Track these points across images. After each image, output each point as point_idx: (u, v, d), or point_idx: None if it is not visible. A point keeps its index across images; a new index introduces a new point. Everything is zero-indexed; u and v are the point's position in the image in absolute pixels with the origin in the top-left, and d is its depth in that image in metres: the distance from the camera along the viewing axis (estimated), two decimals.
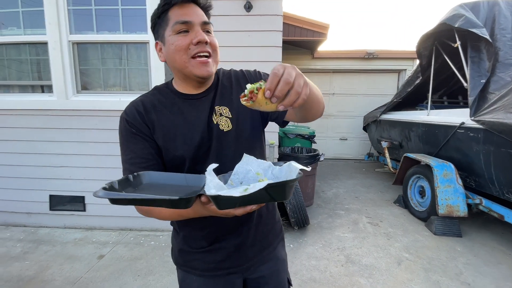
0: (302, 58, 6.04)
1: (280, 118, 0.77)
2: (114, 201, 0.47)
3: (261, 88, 0.48)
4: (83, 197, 2.64)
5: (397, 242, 2.54)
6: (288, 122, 0.80)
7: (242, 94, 0.51)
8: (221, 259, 0.78)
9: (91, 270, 2.03)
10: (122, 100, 2.46)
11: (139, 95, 0.77)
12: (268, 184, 0.44)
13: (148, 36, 2.40)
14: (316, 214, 3.18)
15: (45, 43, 2.44)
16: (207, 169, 0.51)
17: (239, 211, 0.50)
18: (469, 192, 2.78)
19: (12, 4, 2.46)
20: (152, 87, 2.55)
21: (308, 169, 0.53)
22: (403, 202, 3.42)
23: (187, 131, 0.70)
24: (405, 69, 6.08)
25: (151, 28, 0.71)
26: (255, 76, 0.80)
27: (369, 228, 2.85)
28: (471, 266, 2.18)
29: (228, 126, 0.73)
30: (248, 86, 0.50)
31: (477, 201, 2.70)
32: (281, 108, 0.48)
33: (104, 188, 0.48)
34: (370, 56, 5.92)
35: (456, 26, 2.91)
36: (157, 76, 2.43)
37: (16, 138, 2.57)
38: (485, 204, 2.64)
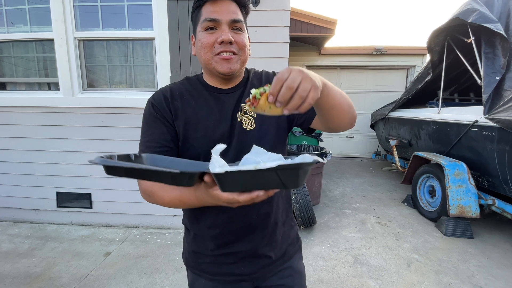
0: (308, 55, 5.95)
1: (305, 125, 0.75)
2: (109, 169, 0.44)
3: (265, 92, 0.47)
4: (89, 194, 2.65)
5: (406, 243, 2.49)
6: (314, 130, 0.78)
7: (247, 99, 0.50)
8: (232, 262, 0.75)
9: (98, 268, 2.03)
10: (128, 97, 2.44)
11: (145, 92, 0.75)
12: (280, 165, 0.40)
13: (154, 33, 2.37)
14: (323, 213, 3.14)
15: (52, 40, 2.43)
16: (214, 149, 0.47)
17: (243, 197, 0.45)
18: (481, 192, 2.71)
19: (18, 1, 2.46)
20: (158, 84, 2.52)
21: (324, 161, 0.49)
22: (412, 201, 3.35)
23: (210, 124, 0.69)
24: (414, 66, 5.96)
25: (192, 23, 0.72)
26: None
27: (377, 228, 2.80)
28: (484, 268, 2.12)
29: (251, 125, 0.72)
30: (253, 91, 0.49)
31: (490, 201, 2.62)
32: (286, 112, 0.46)
33: (102, 157, 0.45)
34: (378, 52, 5.81)
35: (469, 21, 2.81)
36: (163, 73, 2.40)
37: (23, 135, 2.59)
38: (498, 204, 2.56)
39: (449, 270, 2.08)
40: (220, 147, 0.48)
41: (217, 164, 0.45)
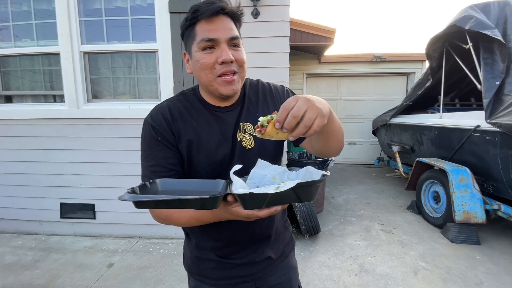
0: (308, 63, 6.03)
1: (295, 143, 0.78)
2: (139, 204, 0.46)
3: (272, 119, 0.51)
4: (93, 205, 2.66)
5: (412, 250, 2.45)
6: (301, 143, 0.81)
7: (256, 126, 0.54)
8: (236, 266, 0.78)
9: (101, 279, 2.02)
10: (132, 108, 2.48)
11: (148, 102, 0.76)
12: (298, 184, 0.45)
13: (157, 45, 2.43)
14: (327, 221, 3.12)
15: (57, 54, 2.49)
16: (232, 170, 0.51)
17: (263, 212, 0.50)
18: (486, 197, 2.68)
19: (26, 16, 2.54)
20: (161, 94, 2.55)
21: (328, 173, 0.53)
22: (417, 208, 3.32)
23: (212, 145, 0.69)
24: (414, 72, 6.00)
25: (181, 35, 0.70)
26: (282, 94, 0.79)
27: (382, 235, 2.77)
28: (492, 275, 2.08)
29: (251, 144, 0.72)
30: (261, 118, 0.52)
31: (496, 206, 2.58)
32: (291, 138, 0.49)
33: (129, 192, 0.48)
34: (377, 59, 5.87)
35: (466, 28, 2.85)
36: (166, 84, 2.44)
37: (28, 146, 2.62)
38: (504, 210, 2.53)
39: (457, 277, 2.05)
40: (237, 167, 0.52)
41: (239, 185, 0.49)
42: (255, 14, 2.27)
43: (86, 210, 2.67)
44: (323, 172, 0.52)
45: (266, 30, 2.31)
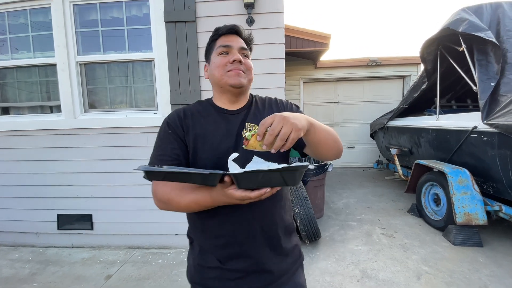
0: (305, 69, 6.07)
1: (298, 149, 0.85)
2: (149, 174, 0.54)
3: (255, 134, 0.60)
4: (90, 216, 2.63)
5: (414, 254, 2.42)
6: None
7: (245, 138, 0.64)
8: (238, 277, 0.77)
9: None
10: (129, 117, 2.48)
11: (145, 111, 0.81)
12: (284, 167, 0.53)
13: (153, 54, 2.44)
14: (327, 226, 3.09)
15: (54, 65, 2.50)
16: (229, 158, 0.58)
17: (254, 194, 0.56)
18: (487, 198, 2.67)
19: (22, 29, 2.55)
20: (158, 103, 2.56)
21: (312, 166, 0.59)
22: (417, 211, 3.30)
23: (216, 138, 0.78)
24: (409, 75, 6.05)
25: (205, 55, 0.87)
26: (286, 105, 0.91)
27: (384, 239, 2.74)
28: (496, 278, 2.05)
29: None
30: (246, 134, 0.62)
31: (496, 208, 2.57)
32: (273, 151, 0.59)
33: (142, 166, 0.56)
34: (373, 63, 5.92)
35: (460, 30, 2.88)
36: (163, 92, 2.44)
37: (25, 158, 2.60)
38: (505, 211, 2.52)
39: (460, 281, 2.02)
40: (235, 155, 0.61)
41: (234, 169, 0.57)
42: (250, 21, 2.29)
43: (84, 221, 2.63)
44: (307, 163, 0.58)
45: (261, 37, 2.32)
